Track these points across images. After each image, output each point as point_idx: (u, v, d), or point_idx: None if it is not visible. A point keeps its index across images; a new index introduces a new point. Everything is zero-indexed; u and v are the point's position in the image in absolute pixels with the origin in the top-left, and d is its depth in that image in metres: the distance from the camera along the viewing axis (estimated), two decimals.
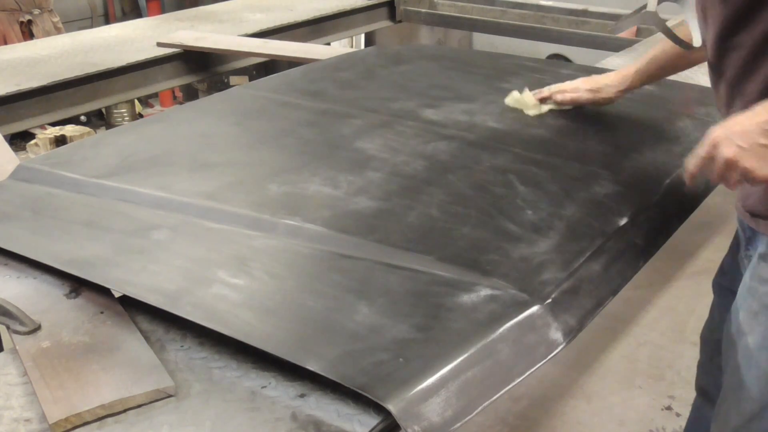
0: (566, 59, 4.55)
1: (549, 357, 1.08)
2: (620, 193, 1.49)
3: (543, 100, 1.86)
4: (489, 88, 2.08)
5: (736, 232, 1.47)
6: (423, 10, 3.81)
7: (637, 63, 1.76)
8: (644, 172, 1.60)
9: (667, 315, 3.03)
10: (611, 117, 1.86)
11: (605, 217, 1.40)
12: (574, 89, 1.83)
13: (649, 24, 1.48)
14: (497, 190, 1.47)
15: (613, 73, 1.81)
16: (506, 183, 1.49)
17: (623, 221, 1.39)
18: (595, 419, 2.50)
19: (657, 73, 1.75)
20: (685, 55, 1.58)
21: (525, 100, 1.88)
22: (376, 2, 3.70)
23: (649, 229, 1.43)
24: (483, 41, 5.49)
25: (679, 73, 2.39)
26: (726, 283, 1.55)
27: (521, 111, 1.87)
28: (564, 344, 1.10)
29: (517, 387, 1.04)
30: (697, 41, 1.40)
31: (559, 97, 1.85)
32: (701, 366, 1.76)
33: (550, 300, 1.14)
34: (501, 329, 1.07)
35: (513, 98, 1.90)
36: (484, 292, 1.14)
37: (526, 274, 1.20)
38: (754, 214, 1.33)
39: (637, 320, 3.02)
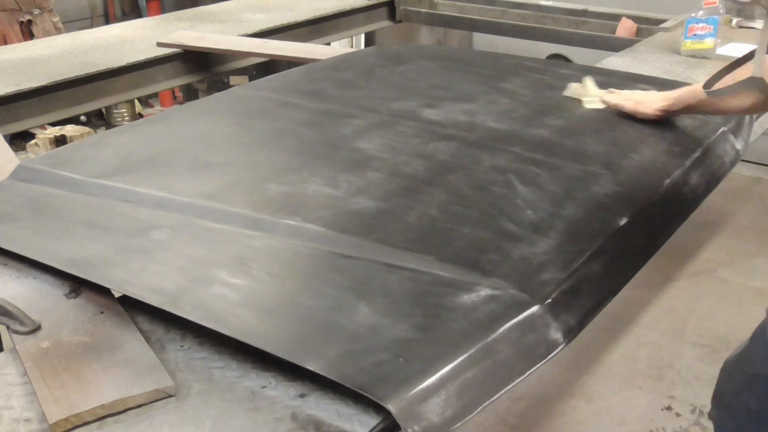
0: (566, 59, 4.54)
1: (549, 357, 1.08)
2: (620, 193, 1.49)
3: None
4: (489, 88, 2.08)
5: None
6: (423, 10, 3.80)
7: (680, 89, 1.77)
8: (644, 172, 1.60)
9: (667, 315, 3.02)
10: (611, 117, 1.86)
11: (605, 217, 1.40)
12: (625, 97, 1.85)
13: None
14: (497, 190, 1.47)
15: (662, 92, 1.81)
16: (506, 183, 1.49)
17: (623, 221, 1.39)
18: (595, 419, 2.50)
19: (687, 108, 1.75)
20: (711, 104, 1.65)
21: (588, 87, 1.94)
22: (376, 2, 3.70)
23: (649, 229, 1.43)
24: (483, 41, 5.49)
25: (679, 73, 2.40)
26: None
27: (523, 111, 1.88)
28: (564, 344, 1.10)
29: (517, 387, 1.04)
30: None
31: (606, 97, 1.88)
32: (720, 395, 1.53)
33: (550, 300, 1.14)
34: (501, 329, 1.07)
35: (573, 88, 1.96)
36: (484, 292, 1.14)
37: (526, 274, 1.20)
38: None
39: (637, 320, 3.02)
